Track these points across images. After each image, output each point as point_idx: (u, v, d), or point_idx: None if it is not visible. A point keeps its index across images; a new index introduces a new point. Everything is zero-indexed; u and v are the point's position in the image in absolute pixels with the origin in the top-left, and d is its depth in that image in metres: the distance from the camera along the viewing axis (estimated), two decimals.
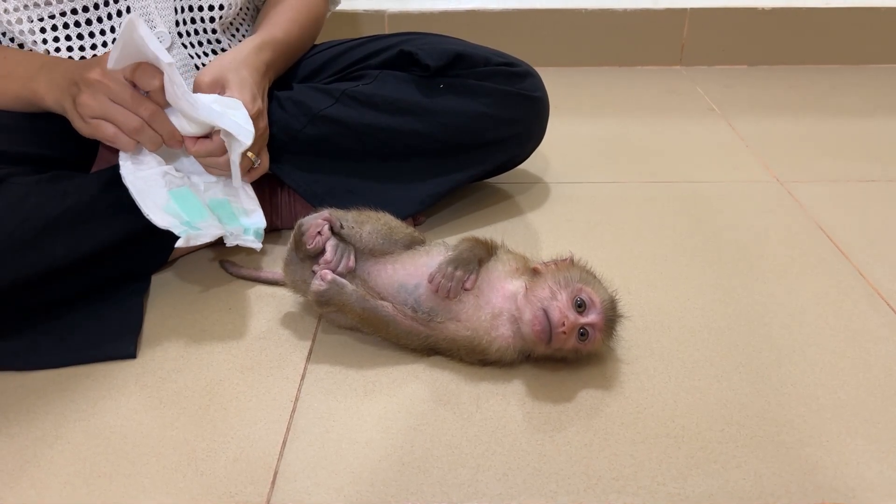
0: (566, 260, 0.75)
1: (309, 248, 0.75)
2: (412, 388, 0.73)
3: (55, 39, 0.84)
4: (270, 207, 0.98)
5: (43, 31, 0.83)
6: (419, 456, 0.65)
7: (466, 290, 0.72)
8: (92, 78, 0.74)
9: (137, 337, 0.79)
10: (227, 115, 0.78)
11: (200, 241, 0.77)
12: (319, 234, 0.75)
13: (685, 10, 1.68)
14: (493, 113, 0.97)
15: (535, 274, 0.74)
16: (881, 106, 1.50)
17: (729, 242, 0.99)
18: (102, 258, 0.81)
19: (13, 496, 0.61)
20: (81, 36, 0.85)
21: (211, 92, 0.82)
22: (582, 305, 0.69)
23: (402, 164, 0.97)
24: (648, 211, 1.08)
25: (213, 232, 0.78)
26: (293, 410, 0.70)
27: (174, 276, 0.91)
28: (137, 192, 0.77)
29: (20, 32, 0.83)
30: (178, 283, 0.90)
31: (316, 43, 1.07)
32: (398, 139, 0.95)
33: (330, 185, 0.95)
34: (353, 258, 0.76)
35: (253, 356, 0.77)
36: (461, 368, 0.75)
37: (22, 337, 0.77)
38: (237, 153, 0.79)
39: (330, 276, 0.72)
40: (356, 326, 0.77)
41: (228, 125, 0.77)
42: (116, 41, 0.71)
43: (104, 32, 0.86)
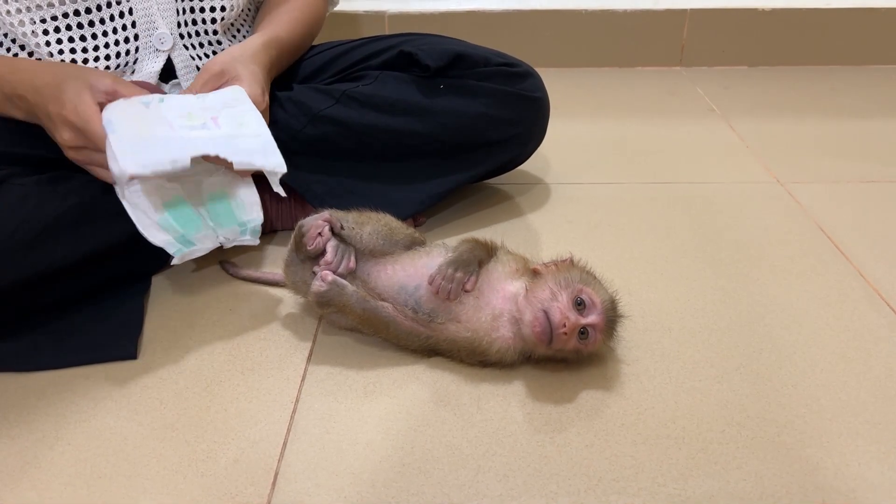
0: (566, 261, 0.75)
1: (309, 248, 0.75)
2: (413, 389, 0.73)
3: (58, 41, 0.84)
4: (270, 208, 0.98)
5: (45, 32, 0.83)
6: (420, 457, 0.65)
7: (467, 291, 0.72)
8: (63, 139, 0.74)
9: (138, 338, 0.80)
10: (251, 149, 0.76)
11: (195, 255, 0.77)
12: (320, 235, 0.75)
13: (685, 10, 1.68)
14: (493, 113, 0.97)
15: (535, 275, 0.74)
16: (881, 106, 1.50)
17: (729, 243, 0.99)
18: (103, 259, 0.81)
19: (14, 497, 0.61)
20: (84, 38, 0.85)
21: (217, 82, 0.82)
22: (582, 306, 0.69)
23: (402, 164, 0.97)
24: (649, 212, 1.08)
25: (207, 245, 0.78)
26: (294, 411, 0.70)
27: (175, 277, 0.91)
28: (131, 207, 0.76)
29: (23, 34, 0.83)
30: (178, 284, 0.90)
31: (316, 43, 1.07)
32: (398, 140, 0.95)
33: (330, 185, 0.95)
34: (353, 259, 0.76)
35: (253, 357, 0.77)
36: (462, 369, 0.75)
37: (22, 338, 0.77)
38: (275, 182, 0.79)
39: (330, 276, 0.72)
40: (356, 327, 0.77)
41: (262, 163, 0.76)
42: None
43: (106, 34, 0.86)
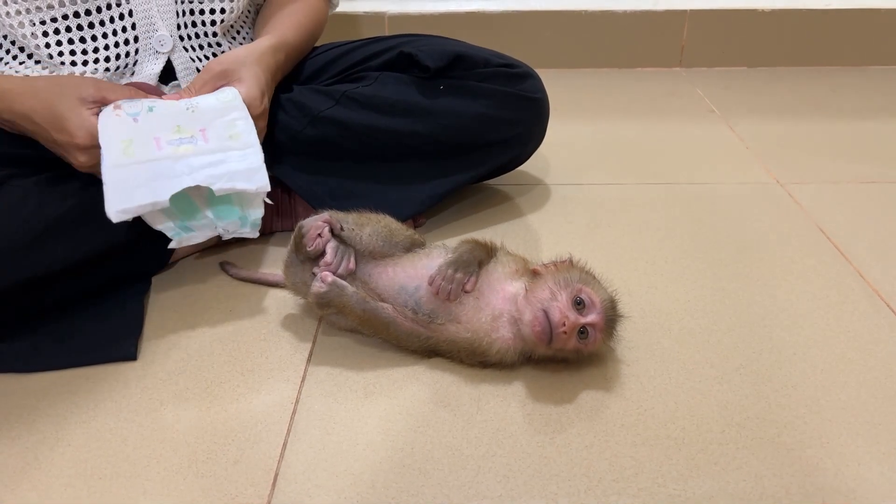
0: (565, 261, 0.75)
1: (309, 249, 0.75)
2: (413, 389, 0.73)
3: (57, 43, 0.84)
4: (270, 209, 0.98)
5: (45, 34, 0.84)
6: (420, 458, 0.65)
7: (466, 292, 0.72)
8: (79, 163, 0.76)
9: (138, 339, 0.80)
10: (234, 170, 0.77)
11: (193, 241, 0.78)
12: (320, 235, 0.75)
13: (685, 11, 1.68)
14: (493, 114, 0.97)
15: (534, 275, 0.74)
16: (881, 107, 1.50)
17: (729, 244, 0.99)
18: (103, 260, 0.81)
19: (14, 498, 0.61)
20: (84, 39, 0.85)
21: (217, 83, 0.82)
22: (582, 305, 0.69)
23: (402, 165, 0.97)
24: (648, 213, 1.08)
25: (205, 233, 0.79)
26: (294, 412, 0.70)
27: (175, 278, 0.91)
28: None
29: (22, 36, 0.83)
30: (178, 285, 0.90)
31: (316, 45, 1.07)
32: (398, 141, 0.95)
33: (330, 186, 0.95)
34: (353, 260, 0.76)
35: (253, 358, 0.77)
36: (462, 370, 0.75)
37: (23, 339, 0.78)
38: (259, 202, 0.80)
39: (330, 277, 0.72)
40: (356, 328, 0.77)
41: (245, 185, 0.77)
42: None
43: (106, 36, 0.86)
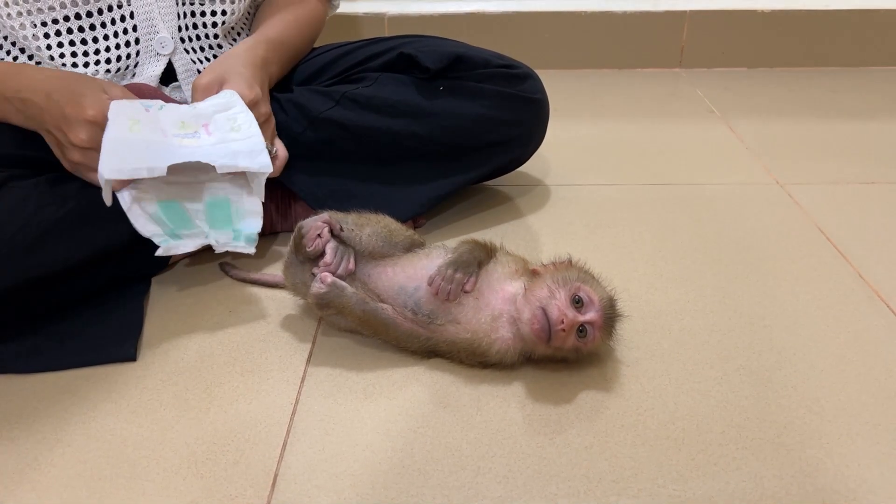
0: (564, 262, 0.76)
1: (309, 250, 0.75)
2: (412, 390, 0.73)
3: (59, 45, 0.84)
4: (270, 210, 0.98)
5: (47, 36, 0.84)
6: (419, 459, 0.65)
7: (466, 292, 0.72)
8: (80, 139, 0.74)
9: (138, 340, 0.80)
10: (237, 150, 0.77)
11: (180, 250, 0.78)
12: (319, 236, 0.75)
13: (685, 12, 1.68)
14: (493, 115, 0.97)
15: (534, 276, 0.74)
16: (881, 108, 1.50)
17: (729, 245, 0.99)
18: (103, 261, 0.81)
19: (14, 499, 0.61)
20: (85, 41, 0.85)
21: (208, 91, 0.82)
22: (580, 303, 0.69)
23: (402, 166, 0.97)
24: (648, 213, 1.08)
25: (195, 241, 0.79)
26: (293, 413, 0.70)
27: (174, 279, 0.91)
28: (127, 202, 0.77)
29: (23, 37, 0.83)
30: (178, 285, 0.90)
31: (316, 45, 1.08)
32: (398, 141, 0.95)
33: (331, 187, 0.95)
34: (353, 261, 0.76)
35: (253, 359, 0.77)
36: (461, 371, 0.75)
37: (23, 340, 0.77)
38: (260, 182, 0.80)
39: (330, 278, 0.72)
40: (356, 329, 0.77)
41: (246, 164, 0.77)
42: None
43: (107, 37, 0.86)
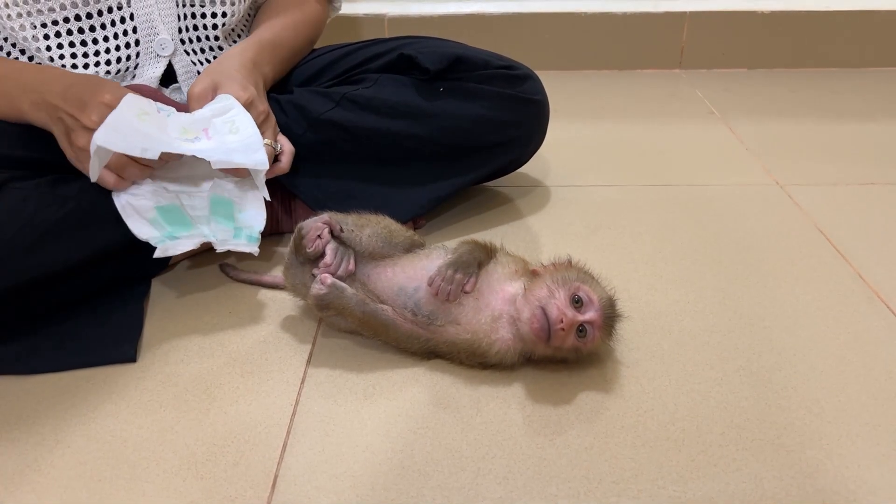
0: (564, 262, 0.76)
1: (309, 251, 0.75)
2: (412, 391, 0.73)
3: (59, 46, 0.84)
4: (271, 211, 0.98)
5: (46, 37, 0.84)
6: (419, 460, 0.65)
7: (466, 293, 0.72)
8: (91, 121, 0.74)
9: (138, 341, 0.80)
10: (233, 147, 0.77)
11: (178, 250, 0.77)
12: (319, 237, 0.75)
13: (684, 13, 1.68)
14: (492, 116, 0.97)
15: (534, 276, 0.74)
16: (881, 109, 1.50)
17: (729, 246, 0.99)
18: (103, 262, 0.81)
19: (14, 500, 0.61)
20: (85, 42, 0.85)
21: (203, 99, 0.83)
22: (580, 303, 0.69)
23: (402, 167, 0.97)
24: (648, 214, 1.08)
25: (193, 241, 0.79)
26: (293, 414, 0.70)
27: (175, 280, 0.91)
28: (122, 204, 0.78)
29: (23, 39, 0.83)
30: (178, 287, 0.90)
31: (316, 47, 1.08)
32: (398, 143, 0.95)
33: (331, 189, 0.96)
34: (353, 261, 0.76)
35: (253, 360, 0.77)
36: (461, 372, 0.74)
37: (23, 341, 0.78)
38: (260, 179, 0.81)
39: (330, 279, 0.72)
40: (356, 330, 0.77)
41: (242, 160, 0.77)
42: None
43: (107, 39, 0.86)
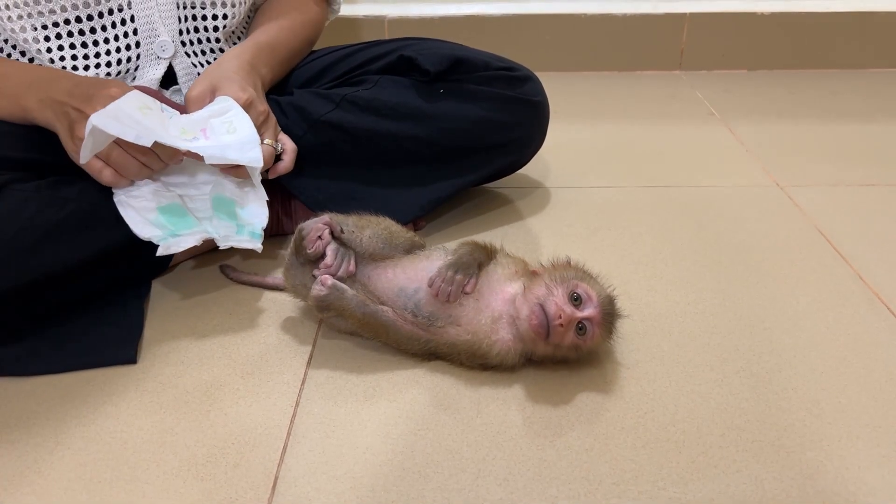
0: (563, 263, 0.76)
1: (309, 252, 0.75)
2: (412, 393, 0.73)
3: (59, 48, 0.84)
4: (271, 212, 0.98)
5: (47, 39, 0.84)
6: (420, 461, 0.65)
7: (466, 293, 0.72)
8: (95, 111, 0.73)
9: (138, 342, 0.80)
10: (228, 144, 0.78)
11: (181, 246, 0.77)
12: (320, 238, 0.75)
13: (684, 14, 1.68)
14: (493, 117, 0.97)
15: (533, 276, 0.74)
16: (881, 110, 1.50)
17: (729, 247, 0.99)
18: (103, 264, 0.81)
19: (13, 502, 0.61)
20: (85, 44, 0.85)
21: (201, 102, 0.83)
22: (578, 300, 0.69)
23: (402, 169, 0.97)
24: (648, 215, 1.08)
25: (196, 237, 0.79)
26: (293, 415, 0.70)
27: (175, 281, 0.91)
28: (123, 206, 0.78)
29: (24, 41, 0.83)
30: (178, 288, 0.90)
31: (316, 48, 1.08)
32: (398, 144, 0.95)
33: (331, 190, 0.96)
34: (353, 263, 0.76)
35: (253, 361, 0.77)
36: (461, 373, 0.74)
37: (22, 342, 0.77)
38: (256, 177, 0.81)
39: (330, 280, 0.72)
40: (356, 331, 0.77)
41: (236, 157, 0.77)
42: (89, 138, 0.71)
43: (108, 41, 0.86)
